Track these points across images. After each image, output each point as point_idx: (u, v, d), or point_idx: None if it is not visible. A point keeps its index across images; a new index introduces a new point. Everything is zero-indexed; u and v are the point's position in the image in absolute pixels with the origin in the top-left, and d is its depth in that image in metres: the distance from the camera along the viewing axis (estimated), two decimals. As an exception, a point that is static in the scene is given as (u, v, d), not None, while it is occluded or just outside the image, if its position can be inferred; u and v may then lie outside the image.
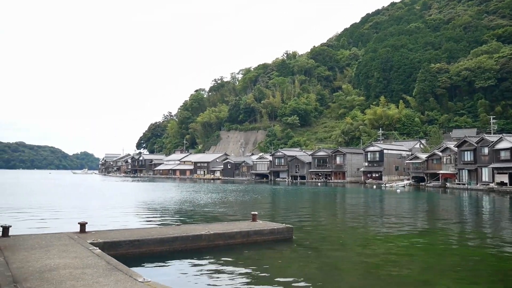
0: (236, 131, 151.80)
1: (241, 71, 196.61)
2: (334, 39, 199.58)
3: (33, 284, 7.41)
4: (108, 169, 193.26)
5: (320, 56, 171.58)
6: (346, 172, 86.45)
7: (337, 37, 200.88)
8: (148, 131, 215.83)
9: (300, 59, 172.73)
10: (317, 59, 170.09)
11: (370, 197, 45.60)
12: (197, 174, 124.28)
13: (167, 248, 12.96)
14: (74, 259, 9.44)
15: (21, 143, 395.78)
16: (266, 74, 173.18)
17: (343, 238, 16.86)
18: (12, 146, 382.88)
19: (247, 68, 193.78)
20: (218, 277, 10.41)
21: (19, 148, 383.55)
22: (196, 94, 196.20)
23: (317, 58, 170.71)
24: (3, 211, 24.91)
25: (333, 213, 28.85)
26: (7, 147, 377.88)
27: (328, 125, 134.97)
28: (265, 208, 30.18)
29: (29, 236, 12.80)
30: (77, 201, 34.40)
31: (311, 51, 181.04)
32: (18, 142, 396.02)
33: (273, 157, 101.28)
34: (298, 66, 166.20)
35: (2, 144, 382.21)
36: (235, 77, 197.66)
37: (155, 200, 36.17)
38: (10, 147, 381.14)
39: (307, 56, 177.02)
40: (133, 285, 7.38)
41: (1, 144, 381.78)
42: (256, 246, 14.22)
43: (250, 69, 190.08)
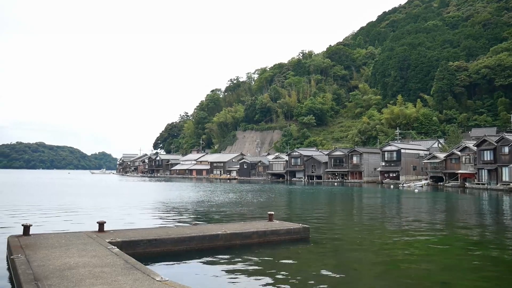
0: (252, 131, 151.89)
1: (257, 71, 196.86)
2: (351, 38, 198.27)
3: (53, 282, 7.52)
4: (126, 169, 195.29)
5: (336, 55, 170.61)
6: (362, 172, 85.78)
7: (353, 36, 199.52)
8: (165, 131, 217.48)
9: (316, 59, 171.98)
10: (333, 58, 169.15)
11: (387, 197, 45.18)
12: (213, 174, 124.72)
13: (184, 247, 13.04)
14: (93, 258, 9.57)
15: (41, 144, 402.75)
16: (282, 74, 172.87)
17: (360, 238, 16.73)
18: (32, 147, 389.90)
19: (262, 68, 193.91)
20: (235, 277, 10.44)
21: (39, 149, 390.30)
22: (212, 94, 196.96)
23: (333, 57, 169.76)
24: (24, 210, 25.37)
25: (350, 213, 28.66)
26: (27, 148, 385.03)
27: (344, 125, 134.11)
28: (282, 208, 30.14)
29: (49, 235, 13.01)
30: (95, 200, 34.84)
31: (327, 50, 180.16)
32: (38, 143, 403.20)
33: (289, 157, 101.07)
34: (314, 66, 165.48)
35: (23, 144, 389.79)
36: (251, 77, 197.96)
37: (172, 199, 36.43)
38: (30, 147, 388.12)
39: (323, 56, 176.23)
40: (151, 284, 7.45)
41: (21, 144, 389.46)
42: (273, 246, 14.21)
43: (266, 69, 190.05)
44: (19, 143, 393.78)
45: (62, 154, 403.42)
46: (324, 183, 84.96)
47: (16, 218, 21.00)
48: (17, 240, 11.70)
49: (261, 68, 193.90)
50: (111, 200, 35.30)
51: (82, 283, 7.50)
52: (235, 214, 25.05)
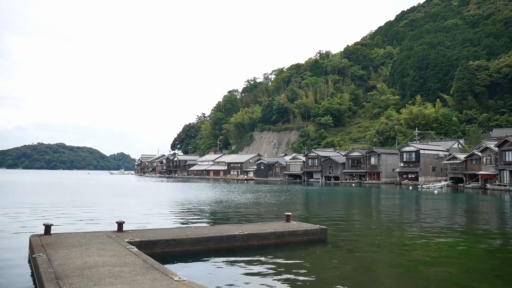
0: (269, 132, 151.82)
1: (273, 72, 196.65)
2: (368, 37, 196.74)
3: (74, 281, 7.64)
4: (144, 169, 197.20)
5: (353, 55, 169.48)
6: (381, 173, 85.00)
7: (371, 36, 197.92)
8: (182, 132, 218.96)
9: (334, 59, 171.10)
10: (351, 58, 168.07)
11: (406, 198, 44.66)
12: (230, 175, 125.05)
13: (202, 247, 13.11)
14: (112, 257, 9.68)
15: (61, 144, 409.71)
16: (299, 74, 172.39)
17: (378, 239, 16.58)
18: (53, 147, 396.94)
19: (279, 68, 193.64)
20: (252, 278, 10.44)
21: (59, 149, 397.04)
22: (229, 95, 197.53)
23: (351, 57, 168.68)
24: (45, 210, 25.82)
25: (368, 214, 28.42)
26: (48, 148, 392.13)
27: (362, 125, 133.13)
28: (299, 209, 30.06)
29: (70, 234, 13.19)
30: (114, 200, 35.25)
31: (345, 51, 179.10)
32: (59, 143, 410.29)
33: (306, 157, 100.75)
34: (331, 66, 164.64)
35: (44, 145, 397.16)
36: (268, 78, 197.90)
37: (190, 200, 36.64)
38: (51, 148, 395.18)
39: (340, 56, 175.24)
40: (169, 284, 7.50)
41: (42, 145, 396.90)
42: (290, 247, 14.18)
43: (283, 70, 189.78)
44: (40, 144, 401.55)
45: (81, 154, 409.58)
46: (341, 184, 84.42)
47: (37, 218, 21.39)
48: (38, 239, 11.91)
49: (278, 69, 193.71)
50: (129, 200, 35.67)
51: (102, 282, 7.60)
52: (252, 215, 25.07)
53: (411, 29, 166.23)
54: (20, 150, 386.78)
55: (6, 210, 25.33)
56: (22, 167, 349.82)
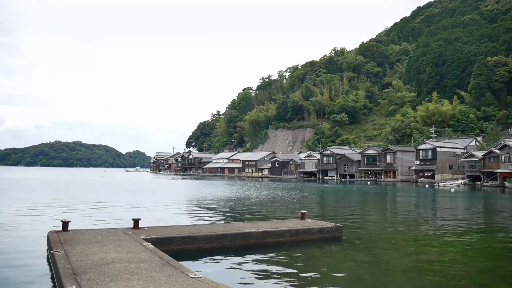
0: (284, 129, 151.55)
1: (288, 69, 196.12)
2: (384, 34, 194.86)
3: (91, 277, 7.73)
4: (159, 167, 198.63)
5: (369, 52, 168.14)
6: (396, 171, 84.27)
7: (386, 32, 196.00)
8: (197, 130, 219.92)
9: (349, 56, 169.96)
10: (366, 55, 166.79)
11: (422, 196, 44.20)
12: (245, 173, 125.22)
13: (216, 245, 13.15)
14: (128, 254, 9.77)
15: (78, 142, 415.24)
16: (314, 72, 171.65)
17: (395, 238, 16.43)
18: (70, 145, 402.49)
19: (294, 66, 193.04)
20: (267, 275, 10.44)
21: (76, 147, 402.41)
22: (244, 93, 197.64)
23: (366, 54, 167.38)
24: (63, 206, 26.18)
25: (384, 212, 28.19)
26: (65, 146, 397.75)
27: (377, 123, 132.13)
28: (314, 207, 29.96)
29: (87, 231, 13.35)
30: (130, 197, 35.57)
31: (360, 47, 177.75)
32: (75, 141, 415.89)
33: (321, 155, 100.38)
34: (346, 63, 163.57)
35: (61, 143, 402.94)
36: (283, 75, 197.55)
37: (205, 197, 36.78)
38: (68, 146, 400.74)
39: (355, 53, 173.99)
40: (184, 281, 7.54)
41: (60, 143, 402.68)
42: (305, 245, 14.14)
43: (297, 67, 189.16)
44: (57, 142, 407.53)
45: (98, 152, 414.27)
46: (356, 182, 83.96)
47: (55, 214, 21.70)
48: (56, 236, 12.08)
49: (293, 66, 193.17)
50: (145, 197, 35.97)
51: (118, 278, 7.67)
52: (267, 212, 25.07)
53: (427, 25, 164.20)
54: (38, 148, 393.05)
55: (25, 206, 25.75)
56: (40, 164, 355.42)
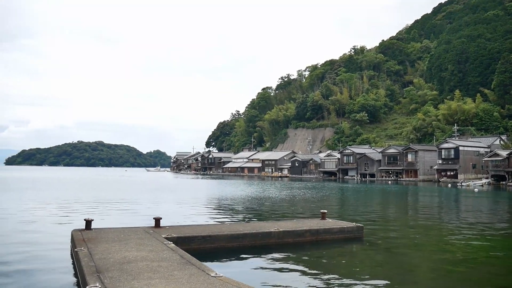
0: (303, 129, 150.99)
1: (307, 68, 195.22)
2: (404, 31, 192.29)
3: (114, 275, 7.84)
4: (179, 167, 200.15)
5: (389, 50, 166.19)
6: (418, 170, 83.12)
7: (407, 30, 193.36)
8: (217, 129, 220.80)
9: (369, 54, 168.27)
10: (386, 53, 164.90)
11: (444, 196, 43.50)
12: (264, 172, 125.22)
13: (237, 244, 13.18)
14: (150, 253, 9.88)
15: (100, 142, 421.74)
16: (333, 71, 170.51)
17: (416, 238, 16.21)
18: (92, 145, 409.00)
19: (313, 65, 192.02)
20: (287, 275, 10.42)
21: (98, 147, 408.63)
22: (263, 93, 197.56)
23: (386, 52, 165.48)
24: (86, 205, 26.62)
25: (405, 212, 27.84)
26: (87, 146, 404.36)
27: (398, 121, 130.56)
28: (334, 206, 29.79)
29: (109, 230, 13.54)
30: (151, 196, 35.95)
31: (380, 45, 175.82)
32: (97, 141, 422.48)
33: (341, 154, 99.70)
34: (366, 61, 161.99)
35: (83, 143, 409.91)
36: (302, 75, 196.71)
37: (225, 196, 36.92)
38: (90, 146, 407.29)
39: (375, 51, 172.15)
40: (206, 279, 7.58)
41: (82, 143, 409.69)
42: (326, 245, 14.06)
43: (317, 66, 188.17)
44: (80, 142, 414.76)
45: (119, 152, 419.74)
46: (377, 181, 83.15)
47: (78, 213, 22.08)
48: (80, 234, 12.29)
49: (312, 65, 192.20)
50: (166, 197, 36.30)
51: (141, 276, 7.76)
52: (287, 212, 25.03)
53: (449, 22, 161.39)
54: (61, 148, 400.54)
55: (49, 205, 26.28)
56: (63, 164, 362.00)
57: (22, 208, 24.76)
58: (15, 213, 22.26)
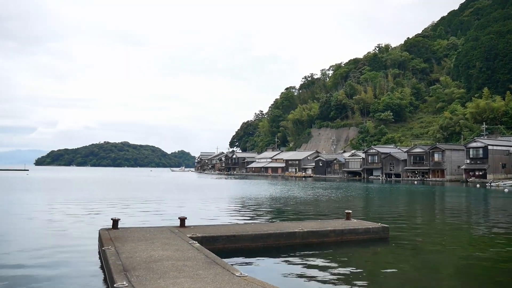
0: (327, 128, 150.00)
1: (331, 68, 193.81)
2: (430, 29, 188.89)
3: (140, 273, 7.96)
4: (203, 167, 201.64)
5: (415, 47, 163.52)
6: (445, 170, 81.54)
7: (433, 27, 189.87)
8: (241, 129, 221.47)
9: (393, 52, 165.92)
10: (412, 51, 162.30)
11: (473, 196, 42.54)
12: (288, 172, 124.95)
13: (261, 244, 13.19)
14: (175, 252, 9.99)
15: (125, 143, 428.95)
16: (358, 69, 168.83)
17: (444, 240, 15.90)
18: (118, 146, 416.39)
19: (337, 64, 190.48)
20: (312, 275, 10.37)
21: (124, 148, 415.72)
22: (287, 92, 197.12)
23: (412, 50, 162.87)
24: (113, 204, 27.10)
25: (432, 213, 27.35)
26: (113, 147, 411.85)
27: (424, 120, 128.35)
28: (359, 207, 29.50)
29: (136, 229, 13.76)
30: (176, 196, 36.33)
31: (405, 43, 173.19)
32: (123, 142, 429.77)
33: (366, 154, 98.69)
34: (391, 60, 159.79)
35: (110, 144, 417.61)
36: (326, 74, 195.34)
37: (249, 196, 37.00)
38: (116, 146, 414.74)
39: (400, 49, 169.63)
40: (230, 279, 7.62)
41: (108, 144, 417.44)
42: (351, 245, 13.94)
43: (340, 65, 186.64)
44: (106, 142, 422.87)
45: (144, 152, 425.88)
46: (403, 181, 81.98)
47: (105, 212, 22.49)
48: (107, 233, 12.52)
49: (336, 64, 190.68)
50: (190, 196, 36.62)
51: (167, 275, 7.86)
52: (311, 212, 24.91)
53: (477, 18, 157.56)
54: (88, 148, 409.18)
55: (78, 205, 26.86)
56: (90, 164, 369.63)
57: (51, 207, 25.39)
58: (44, 212, 22.85)
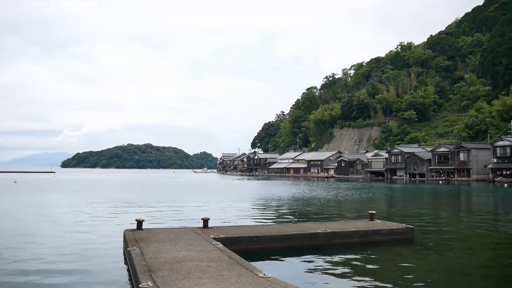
0: (349, 128, 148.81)
1: (353, 67, 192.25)
2: (454, 25, 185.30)
3: (165, 274, 8.04)
4: (226, 168, 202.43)
5: (438, 45, 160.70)
6: (471, 170, 79.86)
7: (457, 23, 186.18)
8: (262, 130, 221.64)
9: (416, 50, 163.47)
10: (435, 48, 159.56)
11: (501, 197, 41.55)
12: (310, 173, 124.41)
13: (284, 245, 13.17)
14: (199, 253, 10.06)
15: (148, 145, 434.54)
16: (379, 68, 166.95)
17: (471, 241, 15.58)
18: (141, 148, 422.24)
19: (359, 63, 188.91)
20: (336, 277, 10.30)
21: (147, 150, 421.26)
22: (308, 93, 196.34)
23: (435, 47, 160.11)
24: (137, 205, 27.46)
25: (458, 213, 26.83)
26: (137, 149, 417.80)
27: (449, 119, 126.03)
28: (382, 207, 29.15)
29: (159, 230, 13.92)
30: (199, 197, 36.57)
31: (428, 41, 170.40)
32: (146, 144, 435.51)
33: (389, 154, 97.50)
34: (413, 58, 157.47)
35: (133, 146, 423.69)
36: (347, 73, 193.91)
37: (271, 197, 36.97)
38: (140, 148, 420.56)
39: (423, 47, 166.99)
40: (254, 280, 7.63)
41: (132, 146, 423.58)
42: (374, 247, 13.79)
43: (362, 64, 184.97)
44: (130, 144, 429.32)
45: (167, 154, 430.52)
46: (427, 181, 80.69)
47: (130, 213, 22.80)
48: (132, 234, 12.69)
49: (357, 64, 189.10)
50: (213, 197, 36.82)
51: (191, 276, 7.92)
52: (334, 213, 24.75)
53: (502, 13, 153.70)
54: (112, 151, 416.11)
55: (102, 206, 27.31)
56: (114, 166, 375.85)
57: (78, 209, 25.88)
58: (70, 213, 23.31)
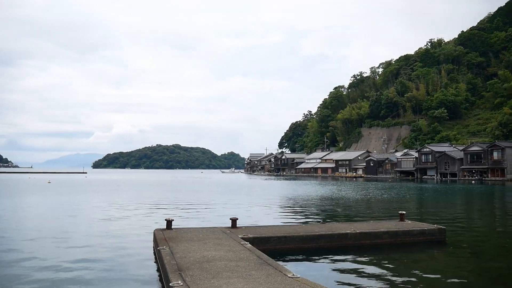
0: (378, 127, 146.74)
1: (381, 65, 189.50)
2: (486, 20, 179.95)
3: (194, 273, 8.12)
4: (253, 168, 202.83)
5: (469, 41, 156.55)
6: (505, 169, 77.52)
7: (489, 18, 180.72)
8: (289, 130, 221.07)
9: (447, 47, 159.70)
10: (467, 45, 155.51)
11: (537, 196, 40.16)
12: (338, 172, 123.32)
13: (313, 245, 13.08)
14: (228, 252, 10.11)
15: (177, 146, 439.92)
16: (409, 66, 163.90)
17: (507, 242, 15.11)
18: (169, 148, 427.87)
19: (387, 61, 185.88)
20: (366, 278, 10.17)
21: (175, 150, 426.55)
22: (335, 92, 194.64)
23: (467, 44, 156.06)
24: (166, 205, 27.83)
25: (492, 214, 26.08)
26: (165, 149, 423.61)
27: (481, 117, 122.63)
28: (413, 207, 28.62)
29: (188, 229, 14.06)
30: (227, 197, 36.77)
31: (459, 37, 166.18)
32: (175, 145, 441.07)
33: (419, 153, 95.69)
34: (444, 55, 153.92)
35: (162, 146, 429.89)
36: (375, 72, 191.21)
37: (299, 197, 36.83)
38: (168, 149, 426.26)
39: (454, 43, 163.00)
40: (283, 280, 7.61)
41: (160, 146, 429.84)
42: (405, 248, 13.54)
43: (390, 62, 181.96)
44: (158, 145, 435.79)
45: (195, 154, 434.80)
46: (459, 181, 78.80)
47: (160, 213, 23.13)
48: (161, 233, 12.87)
49: (386, 62, 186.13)
50: (241, 197, 36.95)
51: (220, 275, 7.96)
52: (363, 213, 24.45)
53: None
54: (142, 151, 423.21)
55: (133, 206, 27.79)
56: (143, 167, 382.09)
57: (109, 208, 26.42)
58: (102, 212, 23.82)
